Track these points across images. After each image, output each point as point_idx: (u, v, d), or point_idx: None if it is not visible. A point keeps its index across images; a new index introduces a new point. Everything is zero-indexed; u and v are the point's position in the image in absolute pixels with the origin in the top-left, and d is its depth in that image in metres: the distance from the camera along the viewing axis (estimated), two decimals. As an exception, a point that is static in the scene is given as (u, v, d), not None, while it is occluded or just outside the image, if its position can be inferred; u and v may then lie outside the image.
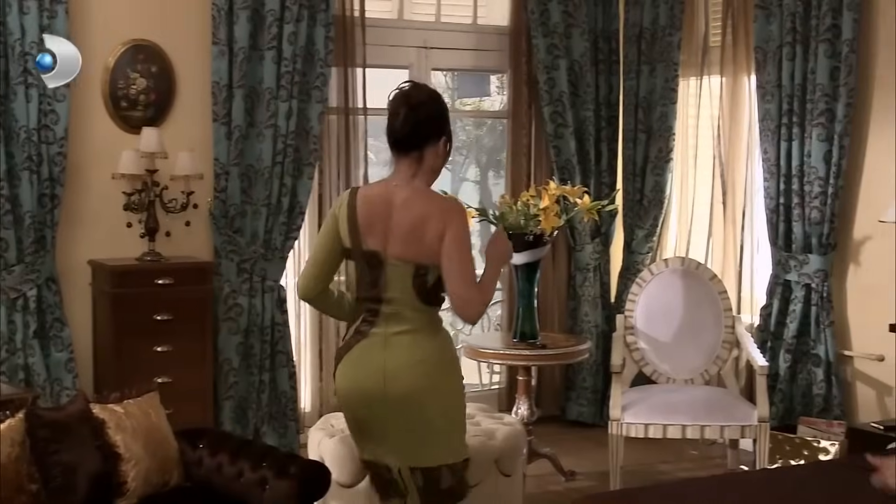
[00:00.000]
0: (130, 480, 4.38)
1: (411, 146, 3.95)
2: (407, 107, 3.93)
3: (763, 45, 6.86)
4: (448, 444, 3.98)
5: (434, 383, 3.91)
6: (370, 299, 3.97)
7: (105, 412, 4.49)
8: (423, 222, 3.87)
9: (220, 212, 6.67)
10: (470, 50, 8.02)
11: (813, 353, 6.69)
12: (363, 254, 3.96)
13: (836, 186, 6.51)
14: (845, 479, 4.74)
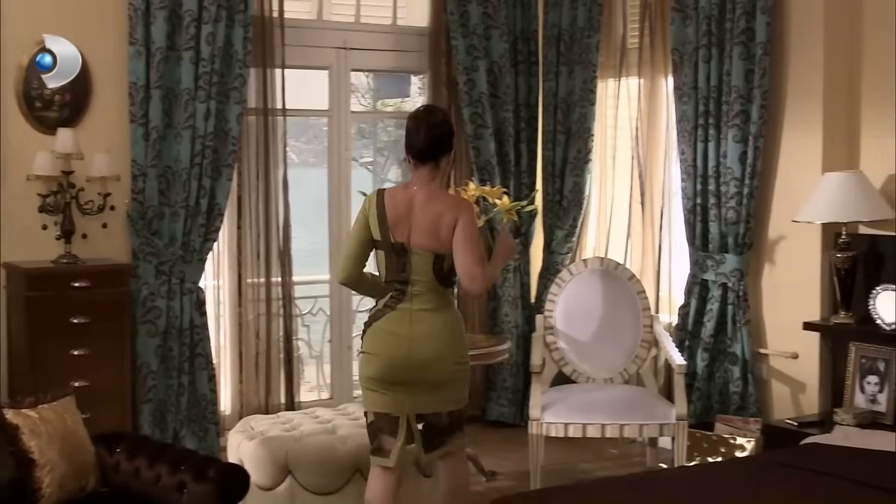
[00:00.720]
0: (45, 487, 4.33)
1: (430, 157, 4.80)
2: (427, 126, 4.81)
3: (679, 47, 6.93)
4: (451, 395, 4.83)
5: (448, 350, 4.79)
6: (398, 282, 4.78)
7: (19, 417, 4.42)
8: (439, 218, 4.73)
9: (137, 213, 6.60)
10: (389, 51, 8.02)
11: (730, 351, 6.76)
12: (392, 245, 4.76)
13: (751, 187, 6.59)
14: (762, 475, 4.81)
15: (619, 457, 7.24)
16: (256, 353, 7.18)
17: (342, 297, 7.80)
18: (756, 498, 4.47)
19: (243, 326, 7.16)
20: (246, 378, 7.15)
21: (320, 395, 8.06)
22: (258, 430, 5.58)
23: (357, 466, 5.20)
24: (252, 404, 7.11)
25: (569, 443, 6.65)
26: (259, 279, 7.20)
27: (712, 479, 4.84)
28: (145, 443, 4.89)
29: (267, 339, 7.21)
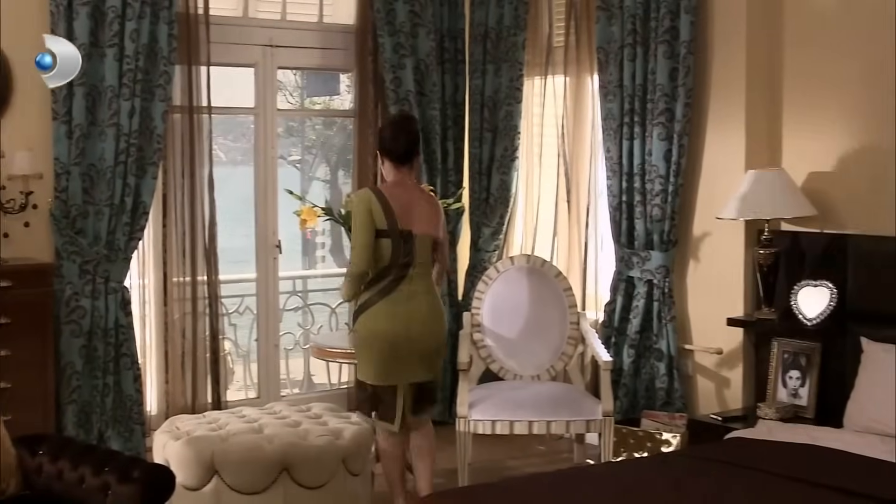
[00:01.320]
0: (-34, 489, 4.27)
1: (408, 160, 5.73)
2: (405, 133, 5.74)
3: (605, 45, 6.98)
4: (435, 365, 5.82)
5: (438, 327, 5.77)
6: (403, 265, 5.59)
7: (-61, 419, 4.36)
8: (430, 209, 5.75)
9: (60, 212, 6.52)
10: (316, 48, 7.99)
11: (655, 347, 6.83)
12: (400, 232, 5.56)
13: (675, 184, 6.65)
14: (686, 469, 4.86)
15: (547, 453, 7.28)
16: (182, 352, 7.12)
17: (269, 295, 7.76)
18: (682, 492, 4.51)
19: (169, 326, 7.10)
20: (172, 378, 7.10)
21: (247, 395, 8.02)
22: (184, 430, 5.54)
23: (284, 465, 5.18)
24: (178, 404, 7.06)
25: (496, 440, 6.67)
26: (185, 278, 7.14)
27: (639, 474, 4.88)
28: (69, 444, 4.82)
29: (193, 339, 7.15)
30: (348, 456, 5.37)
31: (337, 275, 9.01)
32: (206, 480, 5.21)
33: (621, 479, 4.77)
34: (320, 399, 6.95)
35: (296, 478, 5.17)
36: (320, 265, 10.87)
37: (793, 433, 5.39)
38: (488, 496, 4.59)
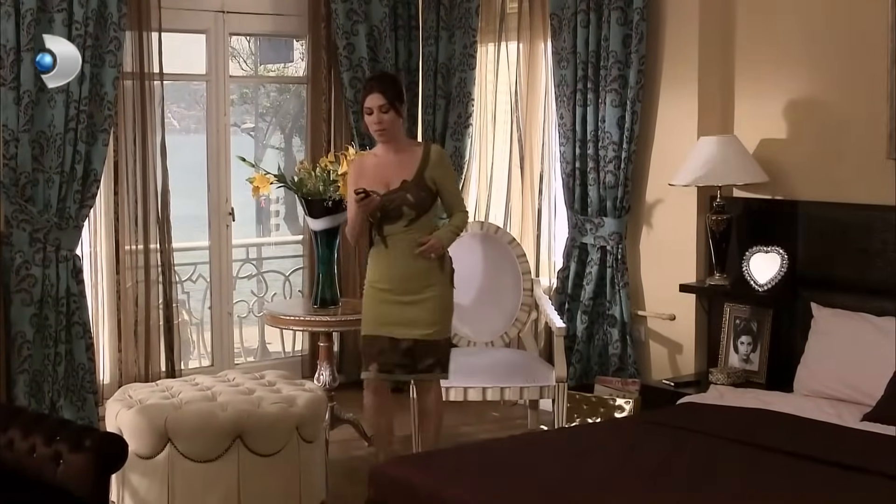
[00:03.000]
0: (-85, 459, 4.23)
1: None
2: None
3: (558, 12, 6.97)
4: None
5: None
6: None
7: None
8: None
9: (10, 180, 6.45)
10: (269, 14, 7.94)
11: (608, 314, 6.86)
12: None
13: (629, 151, 6.66)
14: (639, 434, 4.90)
15: (501, 419, 7.31)
16: (136, 321, 7.09)
17: (222, 263, 7.74)
18: (634, 457, 4.54)
19: (122, 294, 7.06)
20: (125, 347, 7.07)
21: (201, 363, 8.00)
22: (137, 399, 5.51)
23: (237, 433, 5.16)
24: (131, 373, 7.03)
25: (450, 406, 6.66)
26: (137, 246, 7.10)
27: (592, 439, 4.91)
28: (19, 414, 4.79)
29: (146, 307, 7.12)
30: (302, 423, 5.36)
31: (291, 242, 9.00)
32: (160, 448, 5.18)
33: (575, 445, 4.79)
34: (274, 367, 6.93)
35: (249, 445, 5.16)
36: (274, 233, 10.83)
37: (744, 398, 5.44)
38: (444, 462, 4.61)
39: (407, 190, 5.50)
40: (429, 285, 5.56)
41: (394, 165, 5.56)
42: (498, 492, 4.16)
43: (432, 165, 5.56)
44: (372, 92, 5.50)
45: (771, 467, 4.41)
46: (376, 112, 5.48)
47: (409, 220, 5.51)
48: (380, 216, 5.52)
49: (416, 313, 5.53)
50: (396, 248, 5.54)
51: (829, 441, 4.69)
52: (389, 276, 5.56)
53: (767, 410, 5.17)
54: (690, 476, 4.32)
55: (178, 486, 5.16)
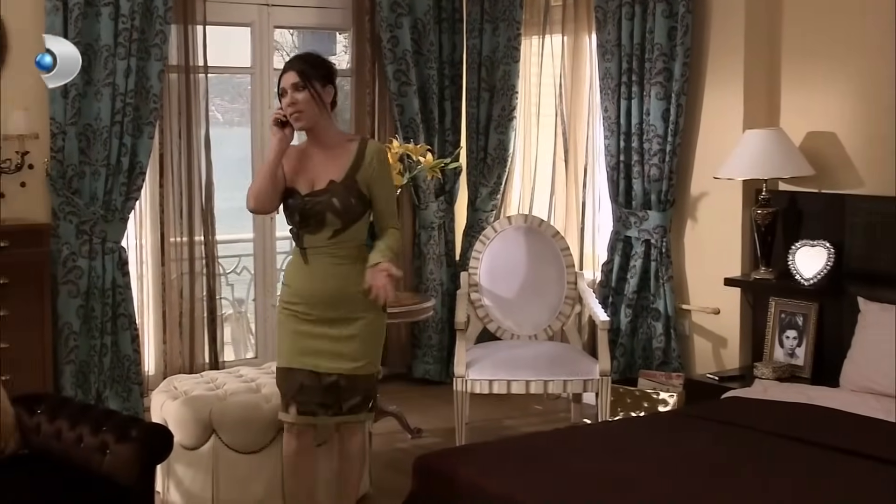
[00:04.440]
0: (-36, 449, 4.28)
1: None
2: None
3: (603, 4, 6.94)
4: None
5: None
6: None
7: (-64, 379, 4.36)
8: None
9: (57, 172, 6.51)
10: (313, 7, 7.95)
11: (653, 307, 6.83)
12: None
13: (673, 144, 6.63)
14: (683, 428, 4.88)
15: (544, 413, 7.30)
16: (180, 312, 7.13)
17: (266, 256, 7.77)
18: (678, 451, 4.52)
19: (166, 286, 7.10)
20: (170, 338, 7.11)
21: (245, 355, 8.03)
22: (182, 390, 5.55)
23: (281, 424, 5.18)
24: (176, 364, 7.07)
25: (494, 399, 6.68)
26: (182, 238, 7.14)
27: (635, 433, 4.90)
28: (67, 404, 4.84)
29: (191, 299, 7.16)
30: (346, 415, 5.38)
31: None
32: (204, 440, 5.22)
33: (618, 439, 4.78)
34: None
35: (294, 437, 5.18)
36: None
37: (789, 393, 5.40)
38: (486, 455, 4.61)
39: (333, 193, 4.56)
40: (357, 311, 4.65)
41: (320, 161, 4.64)
42: (541, 485, 4.16)
43: (367, 165, 4.61)
44: (285, 71, 4.62)
45: (816, 462, 4.38)
46: (290, 92, 4.57)
47: (334, 231, 4.58)
48: (298, 219, 4.61)
49: (342, 343, 4.63)
50: (318, 266, 4.63)
51: (875, 437, 4.65)
52: (310, 297, 4.64)
53: (813, 405, 5.13)
54: (734, 470, 4.29)
55: (223, 476, 5.20)
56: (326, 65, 4.71)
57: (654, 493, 4.03)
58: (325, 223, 4.56)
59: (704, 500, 3.98)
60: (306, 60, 4.64)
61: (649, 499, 3.98)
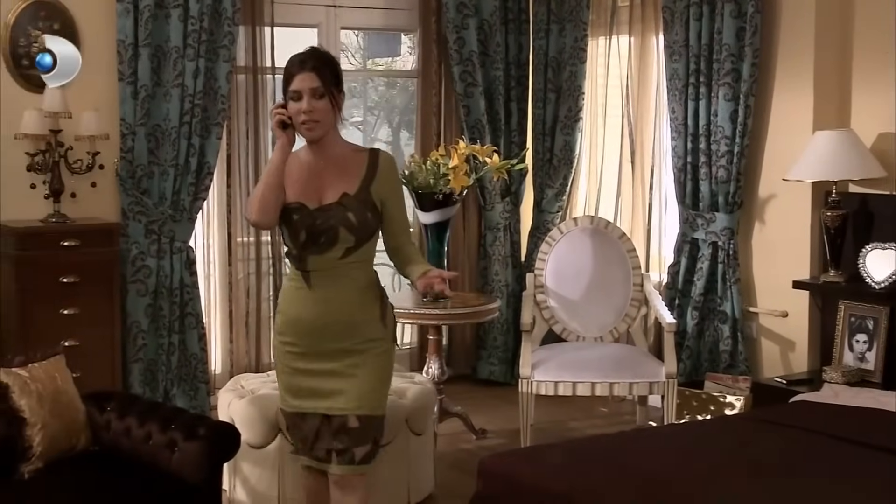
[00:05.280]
0: (36, 445, 4.33)
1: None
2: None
3: (670, 4, 6.89)
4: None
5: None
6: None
7: (9, 376, 4.42)
8: None
9: (126, 172, 6.58)
10: (379, 9, 7.98)
11: (719, 310, 6.78)
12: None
13: (741, 145, 6.58)
14: (750, 432, 4.83)
15: (609, 415, 7.26)
16: (247, 311, 7.19)
17: (332, 256, 7.79)
18: (745, 455, 4.48)
19: (233, 285, 7.16)
20: (236, 337, 7.17)
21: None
22: (249, 389, 5.58)
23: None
24: (242, 363, 7.12)
25: (559, 401, 6.67)
26: (249, 238, 7.20)
27: (702, 436, 4.85)
28: (136, 401, 4.89)
29: (257, 298, 7.21)
30: (411, 416, 5.39)
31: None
32: (271, 438, 5.25)
33: (684, 442, 4.74)
34: (383, 359, 6.96)
35: (359, 437, 5.19)
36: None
37: (859, 397, 5.34)
38: (551, 457, 4.59)
39: (348, 207, 4.03)
40: (367, 341, 4.09)
41: (328, 172, 4.08)
42: (606, 487, 4.14)
43: (382, 178, 4.10)
44: (303, 70, 4.00)
45: (886, 469, 4.31)
46: (307, 97, 3.99)
47: (346, 250, 4.03)
48: (305, 238, 4.03)
49: (349, 380, 4.06)
50: (325, 290, 4.05)
51: (948, 442, 4.58)
52: (311, 328, 4.07)
53: (883, 410, 5.06)
54: (802, 475, 4.25)
55: (289, 475, 5.22)
56: (338, 66, 4.15)
57: (721, 498, 4.00)
58: (338, 240, 4.00)
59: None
60: (323, 60, 4.05)
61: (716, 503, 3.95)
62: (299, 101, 3.99)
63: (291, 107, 4.00)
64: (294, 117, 4.01)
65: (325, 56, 4.08)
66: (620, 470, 4.30)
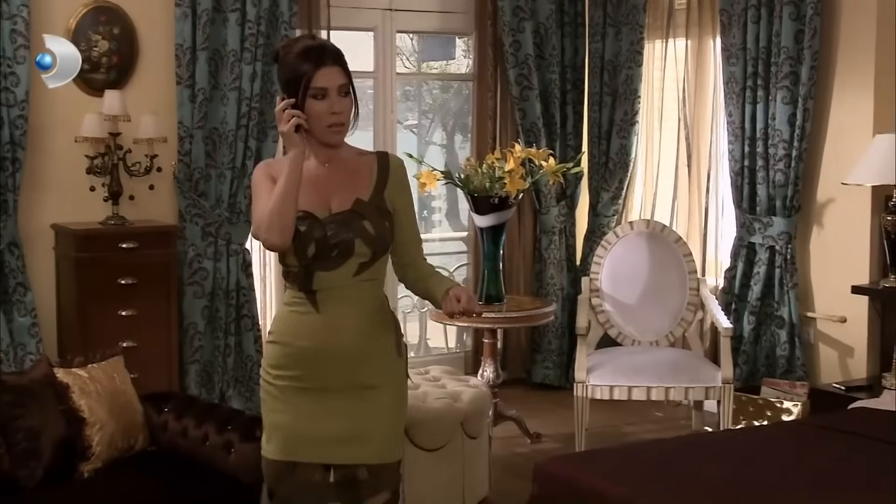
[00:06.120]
0: (95, 445, 4.38)
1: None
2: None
3: (728, 7, 6.85)
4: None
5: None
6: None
7: (69, 376, 4.47)
8: None
9: (184, 175, 6.63)
10: (435, 12, 8.00)
11: (776, 314, 6.73)
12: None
13: (800, 149, 6.53)
14: (807, 439, 4.79)
15: (665, 420, 7.23)
16: (302, 314, 7.20)
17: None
18: (803, 462, 4.44)
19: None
20: (292, 339, 7.18)
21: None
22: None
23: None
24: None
25: (614, 405, 6.65)
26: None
27: (759, 442, 4.82)
28: (193, 402, 4.93)
29: (312, 301, 7.22)
30: (466, 419, 5.38)
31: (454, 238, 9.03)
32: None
33: (741, 447, 4.71)
34: (439, 362, 6.99)
35: (414, 440, 5.19)
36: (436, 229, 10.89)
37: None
38: (608, 461, 4.58)
39: (364, 215, 3.44)
40: (380, 376, 3.50)
41: (335, 177, 3.50)
42: (662, 492, 4.12)
43: (395, 184, 3.55)
44: (326, 64, 3.42)
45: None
46: (334, 94, 3.42)
47: (360, 266, 3.44)
48: (315, 252, 3.41)
49: (359, 422, 3.46)
50: (336, 313, 3.44)
51: None
52: (318, 359, 3.43)
53: (945, 418, 5.01)
54: (862, 483, 4.21)
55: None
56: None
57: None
58: (353, 254, 3.42)
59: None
60: (340, 53, 3.50)
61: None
62: (323, 100, 3.40)
63: (315, 106, 3.38)
64: (316, 119, 3.40)
65: (335, 49, 3.50)
66: (681, 476, 4.28)
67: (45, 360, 4.65)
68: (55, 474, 4.27)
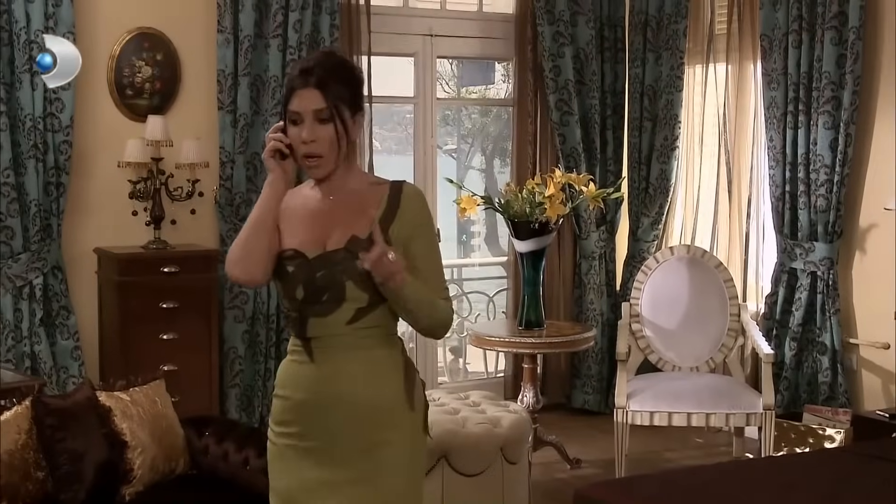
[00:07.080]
0: (136, 468, 4.40)
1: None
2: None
3: (769, 32, 6.84)
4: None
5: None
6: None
7: (111, 400, 4.50)
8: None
9: (225, 200, 6.67)
10: (475, 38, 8.02)
11: (818, 341, 6.68)
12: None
13: (841, 174, 6.50)
14: (850, 467, 4.75)
15: (705, 446, 7.19)
16: (341, 339, 7.21)
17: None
18: (845, 490, 4.41)
19: (329, 312, 7.19)
20: (331, 364, 7.20)
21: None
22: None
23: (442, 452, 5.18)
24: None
25: (654, 431, 6.62)
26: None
27: (800, 469, 4.79)
28: (233, 427, 4.95)
29: (352, 325, 7.23)
30: (506, 444, 5.37)
31: (494, 263, 9.04)
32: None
33: (783, 475, 4.68)
34: (478, 387, 6.98)
35: (454, 465, 5.19)
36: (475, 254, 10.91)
37: (964, 431, 5.23)
38: (648, 487, 4.56)
39: (358, 254, 2.96)
40: (387, 431, 3.09)
41: (337, 213, 3.12)
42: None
43: (405, 217, 3.10)
44: (305, 85, 3.04)
45: None
46: (308, 121, 3.05)
47: (356, 311, 3.05)
48: (303, 295, 3.09)
49: (367, 486, 3.07)
50: (331, 363, 3.09)
51: None
52: (315, 414, 3.09)
53: None
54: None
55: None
56: (356, 77, 3.17)
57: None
58: (344, 298, 3.03)
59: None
60: (332, 71, 3.07)
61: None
62: (298, 125, 3.05)
63: (291, 132, 3.06)
64: (294, 146, 3.07)
65: (338, 65, 3.11)
66: (722, 503, 4.25)
67: (87, 383, 4.69)
68: (97, 497, 4.29)
